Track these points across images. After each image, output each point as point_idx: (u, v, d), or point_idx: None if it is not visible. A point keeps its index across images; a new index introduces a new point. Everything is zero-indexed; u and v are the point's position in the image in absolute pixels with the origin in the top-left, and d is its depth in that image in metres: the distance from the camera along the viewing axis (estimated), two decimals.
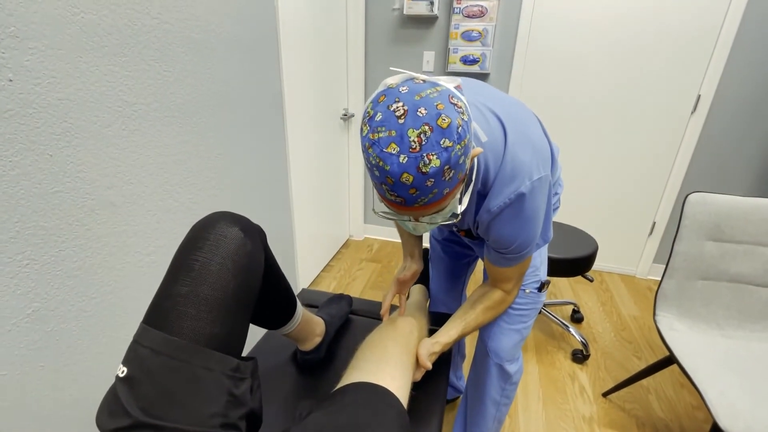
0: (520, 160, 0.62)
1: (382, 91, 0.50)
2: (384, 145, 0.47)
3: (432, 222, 0.58)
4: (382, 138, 0.47)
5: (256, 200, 1.40)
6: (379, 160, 0.47)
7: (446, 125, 0.46)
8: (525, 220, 0.65)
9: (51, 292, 0.71)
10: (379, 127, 0.47)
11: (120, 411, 0.46)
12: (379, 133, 0.47)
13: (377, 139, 0.47)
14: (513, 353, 0.90)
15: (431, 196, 0.49)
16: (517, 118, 0.66)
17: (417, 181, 0.47)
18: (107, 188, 0.80)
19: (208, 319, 0.51)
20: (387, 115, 0.47)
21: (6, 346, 0.65)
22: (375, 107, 0.49)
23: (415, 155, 0.46)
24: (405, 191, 0.48)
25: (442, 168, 0.47)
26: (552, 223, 0.86)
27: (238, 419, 0.53)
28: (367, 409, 0.59)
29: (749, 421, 0.86)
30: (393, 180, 0.48)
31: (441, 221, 0.58)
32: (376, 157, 0.48)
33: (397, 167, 0.46)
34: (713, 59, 1.81)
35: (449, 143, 0.46)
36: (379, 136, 0.47)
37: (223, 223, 0.56)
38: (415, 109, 0.46)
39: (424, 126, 0.46)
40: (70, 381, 0.77)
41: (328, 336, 0.90)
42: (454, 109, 0.47)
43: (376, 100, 0.50)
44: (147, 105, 0.87)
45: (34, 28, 0.63)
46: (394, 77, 0.52)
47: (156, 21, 0.87)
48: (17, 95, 0.62)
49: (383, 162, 0.47)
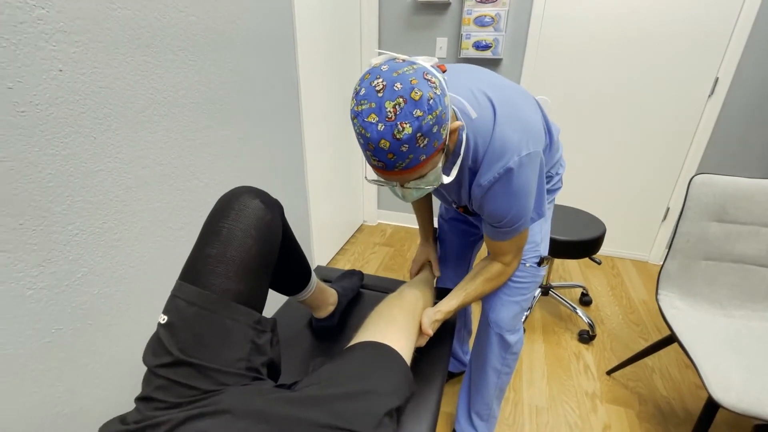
0: (509, 137, 0.67)
1: (368, 70, 0.58)
2: (365, 116, 0.54)
3: (417, 188, 0.64)
4: (364, 110, 0.54)
5: (274, 184, 1.48)
6: (362, 128, 0.55)
7: (418, 97, 0.53)
8: (515, 194, 0.70)
9: (96, 260, 0.81)
10: (362, 101, 0.55)
11: (162, 351, 0.54)
12: (362, 106, 0.55)
13: (360, 110, 0.55)
14: (513, 324, 0.96)
15: (407, 161, 0.56)
16: (508, 99, 0.71)
17: (393, 147, 0.54)
18: (142, 168, 0.88)
19: (233, 277, 0.59)
20: (369, 90, 0.54)
21: (61, 305, 0.75)
22: (361, 84, 0.56)
23: (390, 123, 0.53)
24: (384, 156, 0.55)
25: (414, 135, 0.53)
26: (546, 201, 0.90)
27: (260, 365, 0.61)
28: (373, 361, 0.66)
29: (741, 393, 0.90)
30: (373, 146, 0.55)
31: (425, 187, 0.64)
32: (360, 126, 0.55)
33: (376, 134, 0.54)
34: (732, 41, 1.77)
35: (420, 113, 0.53)
36: (362, 108, 0.55)
37: (246, 195, 0.64)
38: (392, 84, 0.53)
39: (399, 98, 0.53)
40: (114, 340, 0.87)
41: (340, 306, 0.98)
42: (427, 84, 0.54)
43: (363, 78, 0.57)
44: (175, 92, 0.95)
45: (78, 23, 0.71)
46: (378, 57, 0.59)
47: (183, 14, 0.94)
48: (66, 84, 0.70)
49: (365, 130, 0.54)
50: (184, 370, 0.53)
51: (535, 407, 1.36)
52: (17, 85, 0.63)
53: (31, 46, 0.64)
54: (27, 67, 0.64)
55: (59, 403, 0.77)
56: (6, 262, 0.65)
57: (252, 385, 0.58)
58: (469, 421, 1.15)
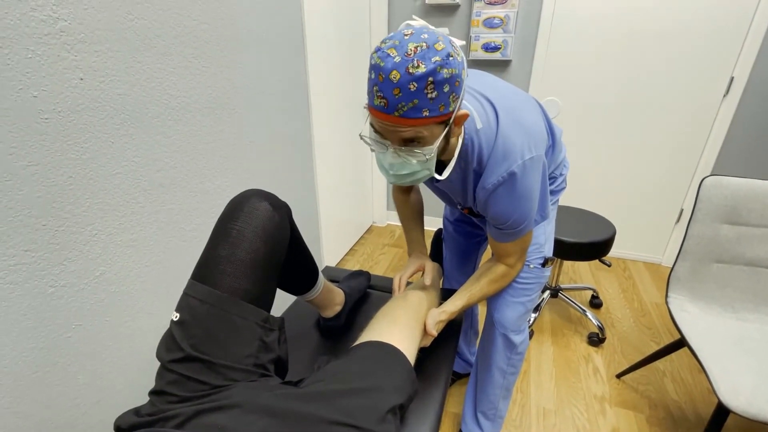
0: (512, 141, 0.68)
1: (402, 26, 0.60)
2: (386, 49, 0.56)
3: (406, 158, 0.64)
4: (386, 45, 0.56)
5: (284, 186, 1.51)
6: (378, 59, 0.56)
7: (440, 48, 0.55)
8: (519, 197, 0.71)
9: (113, 259, 0.84)
10: (388, 39, 0.57)
11: (175, 347, 0.57)
12: (386, 42, 0.57)
13: (383, 46, 0.57)
14: (518, 324, 0.97)
15: (410, 105, 0.57)
16: (510, 104, 0.72)
17: (402, 81, 0.55)
18: (157, 171, 0.92)
19: (243, 277, 0.61)
20: (398, 33, 0.57)
21: (80, 301, 0.79)
22: (394, 33, 0.59)
23: (407, 59, 0.54)
24: (390, 91, 0.56)
25: (426, 77, 0.54)
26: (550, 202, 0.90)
27: (267, 362, 0.63)
28: (377, 360, 0.68)
29: (750, 397, 0.89)
30: (383, 77, 0.56)
31: (414, 162, 0.65)
32: (377, 57, 0.57)
33: (391, 65, 0.55)
34: (748, 39, 1.74)
35: (438, 59, 0.54)
36: (385, 44, 0.57)
37: (255, 198, 0.66)
38: (420, 33, 0.56)
39: (423, 43, 0.55)
40: (130, 336, 0.91)
41: (347, 305, 1.00)
42: (451, 46, 0.56)
43: (397, 30, 0.59)
44: (188, 98, 0.98)
45: (98, 34, 0.74)
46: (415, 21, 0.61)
47: (195, 22, 0.97)
48: (87, 92, 0.74)
49: (381, 60, 0.56)
50: (195, 365, 0.56)
51: (542, 409, 1.36)
52: (41, 93, 0.66)
53: (54, 56, 0.67)
54: (50, 77, 0.67)
55: (78, 395, 0.81)
56: (30, 260, 0.69)
57: (260, 381, 0.60)
58: (475, 421, 1.16)
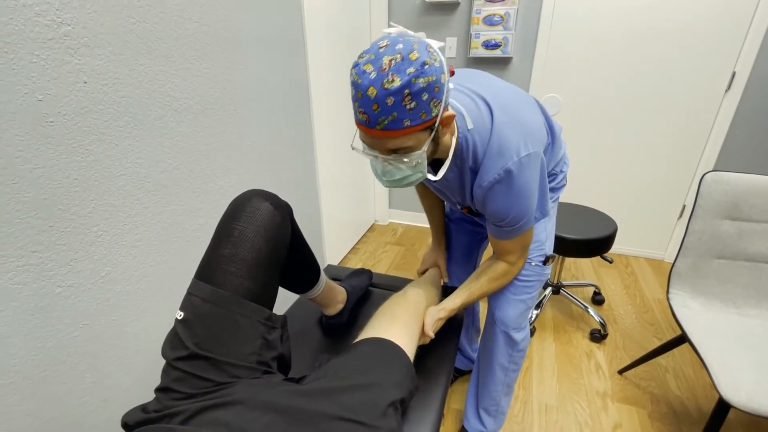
0: (507, 139, 0.68)
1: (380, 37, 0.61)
2: (362, 65, 0.58)
3: (397, 168, 0.66)
4: (363, 60, 0.58)
5: (286, 185, 1.52)
6: (356, 76, 0.58)
7: (414, 58, 0.55)
8: (516, 194, 0.71)
9: (119, 259, 0.86)
10: (365, 53, 0.59)
11: (179, 344, 0.58)
12: (363, 57, 0.59)
13: (360, 61, 0.59)
14: (519, 322, 0.97)
15: (390, 118, 0.57)
16: (506, 102, 0.72)
17: (379, 96, 0.56)
18: (160, 173, 0.93)
19: (245, 275, 0.62)
20: (374, 46, 0.59)
21: (87, 301, 0.80)
22: (371, 46, 0.60)
23: (382, 74, 0.55)
24: (369, 106, 0.57)
25: (402, 90, 0.55)
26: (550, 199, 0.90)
27: (270, 359, 0.64)
28: (376, 356, 0.69)
29: (751, 392, 0.89)
30: (361, 93, 0.57)
31: (405, 169, 0.66)
32: (355, 74, 0.58)
33: (367, 81, 0.56)
34: (750, 34, 1.73)
35: (413, 70, 0.55)
36: (362, 59, 0.58)
37: (256, 199, 0.67)
38: (395, 44, 0.57)
39: (397, 55, 0.56)
40: (135, 334, 0.92)
41: (349, 303, 1.01)
42: (426, 52, 0.57)
43: (374, 42, 0.60)
44: (190, 99, 0.99)
45: (101, 38, 0.75)
46: (392, 28, 0.62)
47: (196, 24, 0.98)
48: (90, 95, 0.75)
49: (358, 77, 0.57)
50: (199, 363, 0.57)
51: (544, 405, 1.37)
52: (46, 97, 0.68)
53: (58, 60, 0.69)
54: (55, 80, 0.68)
55: (85, 393, 0.82)
56: (38, 261, 0.70)
57: (263, 378, 0.61)
58: (477, 417, 1.17)
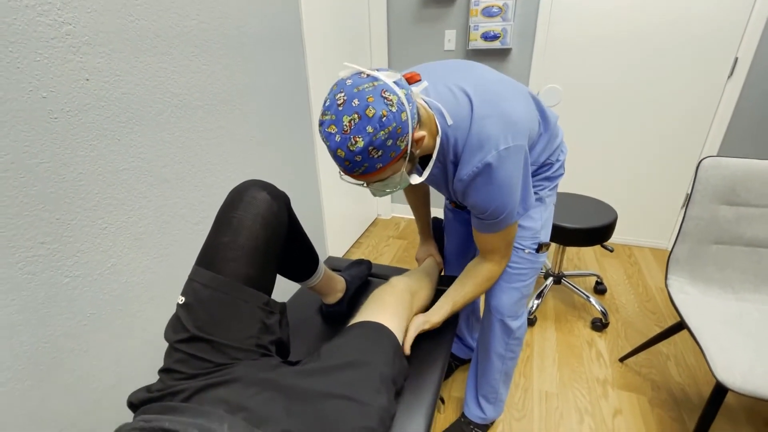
0: (487, 132, 0.69)
1: (336, 82, 0.62)
2: (327, 126, 0.60)
3: (383, 189, 0.70)
4: (326, 120, 0.60)
5: (286, 180, 1.55)
6: (324, 137, 0.61)
7: (371, 115, 0.57)
8: (497, 187, 0.72)
9: (123, 251, 0.89)
10: (326, 111, 0.61)
11: (181, 328, 0.61)
12: (326, 116, 0.61)
13: (324, 120, 0.61)
14: (514, 310, 0.99)
15: (363, 168, 0.61)
16: (489, 93, 0.72)
17: (348, 156, 0.59)
18: (162, 167, 0.96)
19: (244, 262, 0.65)
20: (332, 102, 0.60)
21: (94, 291, 0.83)
22: (328, 94, 0.62)
23: (345, 136, 0.58)
24: (342, 163, 0.61)
25: (367, 148, 0.58)
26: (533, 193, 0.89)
27: (268, 343, 0.67)
28: (366, 337, 0.72)
29: (747, 375, 0.90)
30: (332, 153, 0.61)
31: (390, 190, 0.70)
32: (322, 134, 0.61)
33: (334, 144, 0.59)
34: (752, 19, 1.71)
35: (372, 129, 0.57)
36: (325, 118, 0.61)
37: (254, 188, 0.69)
38: (351, 99, 0.58)
39: (354, 114, 0.57)
40: (141, 323, 0.95)
41: (348, 292, 1.03)
42: (382, 102, 0.58)
43: (330, 89, 0.62)
44: (190, 95, 1.02)
45: (102, 36, 0.78)
46: (346, 71, 0.63)
47: (195, 21, 1.00)
48: (92, 92, 0.77)
49: (326, 139, 0.60)
50: (200, 345, 0.60)
51: (545, 393, 1.38)
52: (50, 95, 0.70)
53: (60, 59, 0.71)
54: (58, 78, 0.71)
55: (95, 380, 0.86)
56: (46, 252, 0.73)
57: (261, 360, 0.64)
58: (477, 404, 1.19)
